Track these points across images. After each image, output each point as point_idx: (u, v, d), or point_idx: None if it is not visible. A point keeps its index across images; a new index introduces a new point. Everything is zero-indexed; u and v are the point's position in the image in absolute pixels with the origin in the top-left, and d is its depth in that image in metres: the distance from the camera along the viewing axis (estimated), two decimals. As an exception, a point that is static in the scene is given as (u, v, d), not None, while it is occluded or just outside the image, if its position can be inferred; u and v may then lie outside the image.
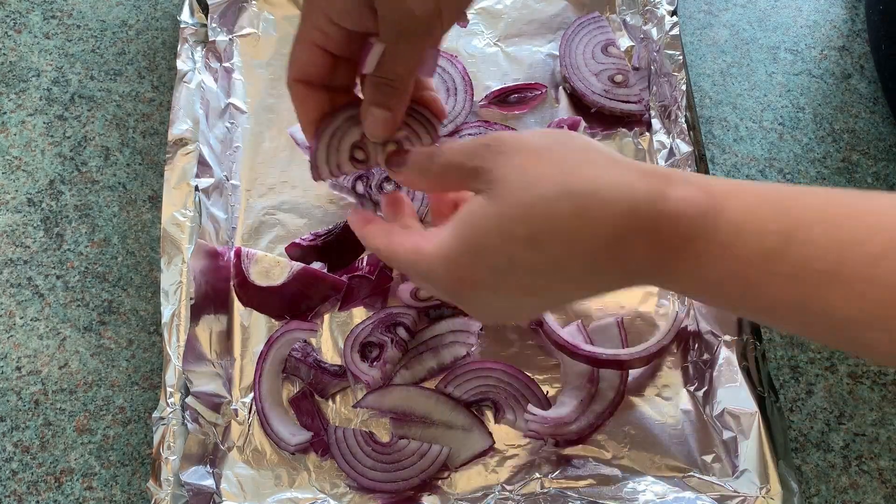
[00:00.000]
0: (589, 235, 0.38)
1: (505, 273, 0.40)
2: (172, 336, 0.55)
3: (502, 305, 0.42)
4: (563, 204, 0.38)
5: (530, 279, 0.40)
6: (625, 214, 0.37)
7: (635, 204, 0.37)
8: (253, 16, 0.70)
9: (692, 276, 0.38)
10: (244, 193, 0.63)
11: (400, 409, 0.54)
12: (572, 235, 0.38)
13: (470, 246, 0.40)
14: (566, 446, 0.54)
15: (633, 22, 0.69)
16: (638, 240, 0.38)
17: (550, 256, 0.39)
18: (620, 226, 0.37)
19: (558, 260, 0.39)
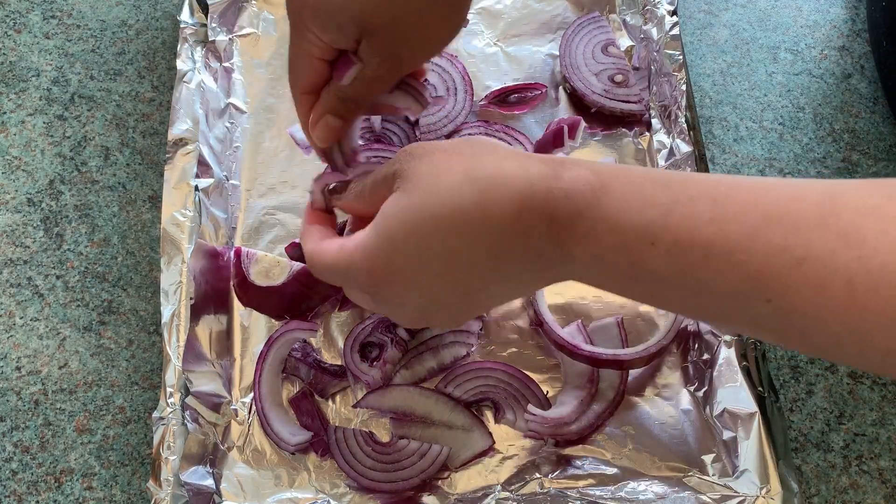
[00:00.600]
0: (490, 217, 0.39)
1: (418, 264, 0.41)
2: (172, 336, 0.55)
3: (420, 303, 0.43)
4: (465, 190, 0.40)
5: (442, 268, 0.41)
6: (522, 193, 0.39)
7: (530, 183, 0.39)
8: (253, 16, 0.70)
9: (585, 252, 0.39)
10: (244, 193, 0.63)
11: (400, 409, 0.54)
12: (475, 218, 0.40)
13: (384, 238, 0.42)
14: (566, 446, 0.54)
15: (633, 22, 0.69)
16: (535, 217, 0.39)
17: (457, 242, 0.40)
18: (518, 205, 0.39)
19: (464, 245, 0.40)
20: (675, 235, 0.36)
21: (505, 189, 0.40)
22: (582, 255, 0.39)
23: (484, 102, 0.66)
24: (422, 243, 0.41)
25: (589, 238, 0.39)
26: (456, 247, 0.40)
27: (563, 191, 0.39)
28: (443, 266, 0.41)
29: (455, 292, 0.43)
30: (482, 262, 0.41)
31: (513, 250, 0.40)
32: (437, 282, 0.42)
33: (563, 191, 0.39)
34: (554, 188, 0.39)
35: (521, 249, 0.40)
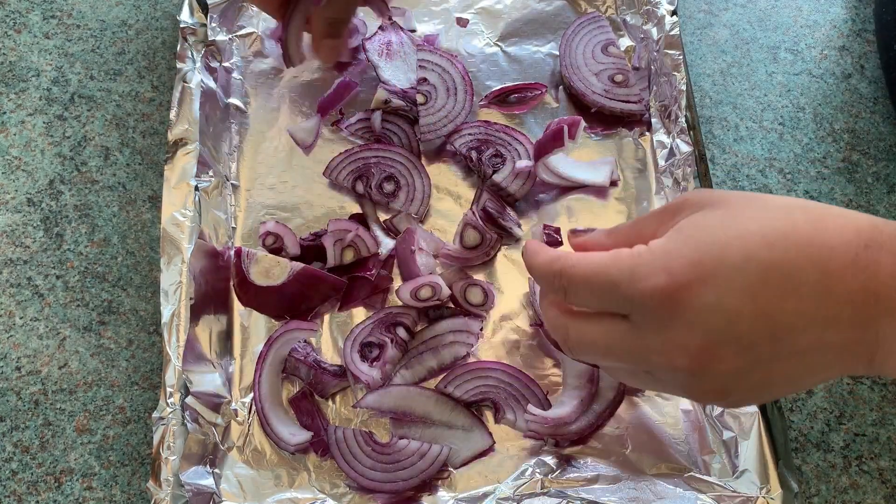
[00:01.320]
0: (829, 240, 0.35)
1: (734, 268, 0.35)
2: (172, 336, 0.55)
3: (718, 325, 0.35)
4: (798, 212, 0.36)
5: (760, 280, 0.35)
6: (867, 227, 0.35)
7: (875, 221, 0.35)
8: (253, 15, 0.70)
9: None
10: (244, 193, 0.63)
11: (400, 409, 0.54)
12: (813, 237, 0.35)
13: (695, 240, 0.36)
14: (566, 446, 0.54)
15: (633, 22, 0.69)
16: (884, 254, 0.34)
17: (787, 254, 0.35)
18: (864, 237, 0.34)
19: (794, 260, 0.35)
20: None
21: (843, 222, 0.35)
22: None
23: (484, 102, 0.66)
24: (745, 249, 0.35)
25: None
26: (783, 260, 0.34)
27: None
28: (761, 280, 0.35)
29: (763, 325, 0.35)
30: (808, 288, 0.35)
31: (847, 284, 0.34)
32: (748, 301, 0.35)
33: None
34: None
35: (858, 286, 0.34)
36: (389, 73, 0.65)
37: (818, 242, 0.35)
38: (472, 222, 0.59)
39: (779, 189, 0.64)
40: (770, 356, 0.36)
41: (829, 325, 0.35)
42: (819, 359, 0.36)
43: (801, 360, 0.36)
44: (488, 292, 0.58)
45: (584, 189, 0.63)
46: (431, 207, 0.62)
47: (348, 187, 0.62)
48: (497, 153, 0.62)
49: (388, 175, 0.62)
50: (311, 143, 0.65)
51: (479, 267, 0.60)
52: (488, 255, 0.60)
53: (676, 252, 0.35)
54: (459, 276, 0.59)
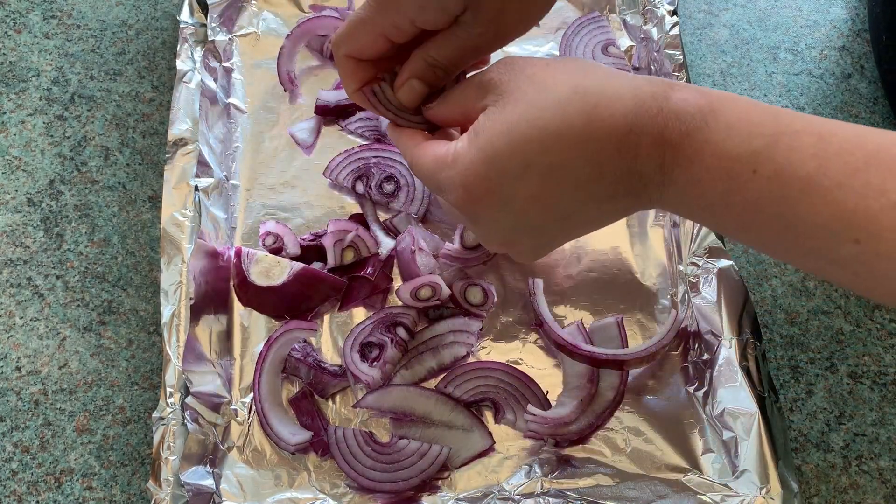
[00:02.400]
0: (598, 131, 0.39)
1: (517, 178, 0.41)
2: (172, 336, 0.55)
3: (511, 223, 0.43)
4: (574, 104, 0.40)
5: (541, 184, 0.41)
6: (631, 111, 0.39)
7: (641, 101, 0.39)
8: (253, 15, 0.70)
9: (685, 174, 0.39)
10: (244, 193, 0.63)
11: (400, 409, 0.54)
12: (583, 132, 0.39)
13: (484, 152, 0.41)
14: (566, 446, 0.54)
15: (633, 22, 0.69)
16: (644, 136, 0.39)
17: (561, 158, 0.40)
18: (628, 121, 0.39)
19: (569, 161, 0.40)
20: (777, 166, 0.36)
21: (616, 104, 0.39)
22: (681, 177, 0.39)
23: None
24: (524, 159, 0.40)
25: (693, 161, 0.38)
26: (559, 162, 0.40)
27: (673, 112, 0.39)
28: (541, 184, 0.41)
29: (549, 215, 0.43)
30: (583, 180, 0.40)
31: (616, 169, 0.40)
32: (533, 203, 0.42)
33: (674, 112, 0.39)
34: (664, 108, 0.39)
35: (624, 168, 0.40)
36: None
37: (588, 136, 0.39)
38: None
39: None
40: (561, 229, 0.45)
41: (606, 200, 0.42)
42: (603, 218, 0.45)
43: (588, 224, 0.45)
44: (488, 292, 0.58)
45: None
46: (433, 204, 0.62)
47: (348, 187, 0.62)
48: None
49: (388, 175, 0.62)
50: (311, 143, 0.65)
51: (479, 267, 0.60)
52: (488, 256, 0.60)
53: (471, 167, 0.42)
54: (459, 276, 0.59)
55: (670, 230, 0.60)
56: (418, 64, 0.49)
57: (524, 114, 0.41)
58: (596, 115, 0.39)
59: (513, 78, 0.43)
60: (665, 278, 0.60)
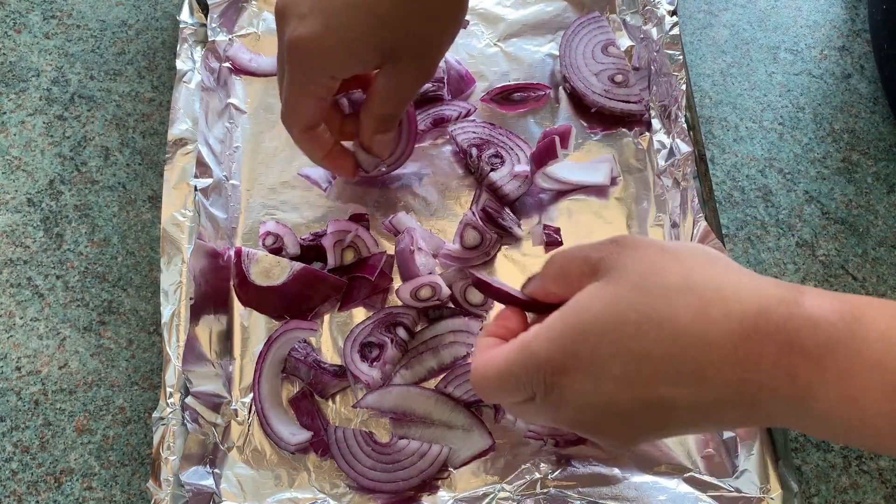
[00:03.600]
0: (707, 334, 0.34)
1: (607, 357, 0.36)
2: (172, 336, 0.55)
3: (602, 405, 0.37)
4: (683, 296, 0.35)
5: (633, 370, 0.36)
6: (752, 314, 0.34)
7: (765, 305, 0.34)
8: (253, 15, 0.70)
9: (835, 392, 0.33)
10: (244, 193, 0.63)
11: (400, 409, 0.54)
12: (688, 330, 0.35)
13: (576, 325, 0.37)
14: (566, 446, 0.54)
15: (633, 22, 0.69)
16: (766, 343, 0.34)
17: (659, 347, 0.35)
18: (746, 327, 0.34)
19: (666, 353, 0.35)
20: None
21: (733, 305, 0.34)
22: (828, 395, 0.33)
23: (486, 97, 0.66)
24: (618, 338, 0.36)
25: (843, 377, 0.33)
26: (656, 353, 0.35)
27: (806, 318, 0.33)
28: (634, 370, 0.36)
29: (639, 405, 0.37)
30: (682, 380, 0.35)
31: (723, 377, 0.34)
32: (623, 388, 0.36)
33: (808, 318, 0.33)
34: (795, 314, 0.34)
35: (736, 379, 0.34)
36: None
37: (694, 334, 0.35)
38: (472, 222, 0.59)
39: (779, 189, 0.64)
40: (654, 423, 0.38)
41: (711, 407, 0.36)
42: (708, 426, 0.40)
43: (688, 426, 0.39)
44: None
45: (584, 189, 0.63)
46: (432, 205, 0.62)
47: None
48: (497, 154, 0.62)
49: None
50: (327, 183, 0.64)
51: (479, 267, 0.60)
52: (488, 255, 0.60)
53: (559, 342, 0.38)
54: (459, 276, 0.59)
55: (670, 230, 0.60)
56: (372, 123, 0.53)
57: (626, 295, 0.36)
58: (707, 313, 0.34)
59: (622, 257, 0.38)
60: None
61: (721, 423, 0.38)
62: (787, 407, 0.34)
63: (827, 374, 0.33)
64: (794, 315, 0.34)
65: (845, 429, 0.34)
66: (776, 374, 0.34)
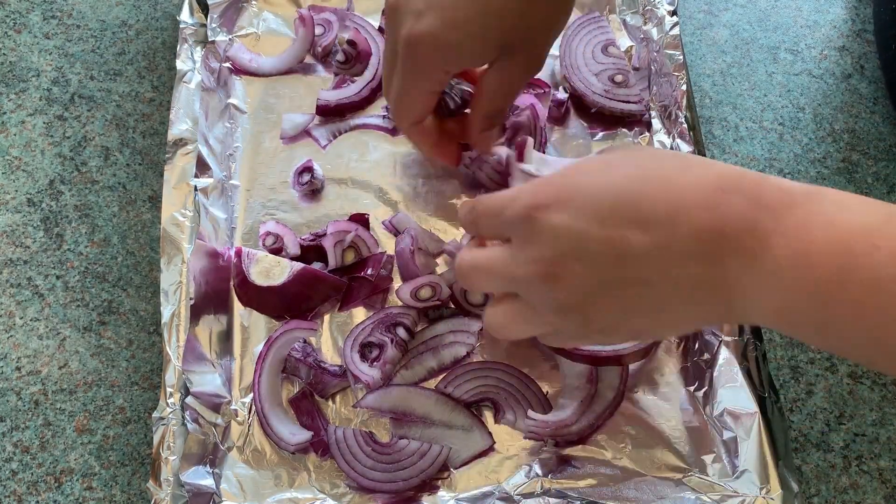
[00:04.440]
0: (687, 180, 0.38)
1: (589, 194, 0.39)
2: (172, 336, 0.55)
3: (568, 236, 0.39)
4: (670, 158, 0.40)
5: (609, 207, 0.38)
6: (730, 175, 0.37)
7: (739, 172, 0.38)
8: (253, 16, 0.70)
9: (787, 246, 0.35)
10: (244, 193, 0.63)
11: (400, 409, 0.54)
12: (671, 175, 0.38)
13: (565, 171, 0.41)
14: (566, 447, 0.54)
15: (633, 22, 0.69)
16: (737, 196, 0.36)
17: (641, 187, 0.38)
18: (723, 182, 0.37)
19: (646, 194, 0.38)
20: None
21: (715, 167, 0.38)
22: (783, 249, 0.35)
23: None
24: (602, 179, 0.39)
25: (799, 232, 0.35)
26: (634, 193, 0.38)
27: (776, 185, 0.36)
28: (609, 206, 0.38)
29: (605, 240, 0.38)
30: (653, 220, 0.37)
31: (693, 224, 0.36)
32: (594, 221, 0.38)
33: (777, 185, 0.36)
34: (767, 181, 0.37)
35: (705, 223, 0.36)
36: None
37: (676, 181, 0.38)
38: None
39: (779, 189, 0.64)
40: (617, 279, 0.39)
41: (674, 258, 0.37)
42: (670, 292, 0.39)
43: (651, 289, 0.39)
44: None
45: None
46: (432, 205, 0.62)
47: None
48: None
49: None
50: (292, 137, 0.65)
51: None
52: None
53: (548, 181, 0.41)
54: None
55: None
56: (481, 123, 0.54)
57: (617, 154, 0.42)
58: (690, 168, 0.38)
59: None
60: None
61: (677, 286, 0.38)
62: (742, 264, 0.36)
63: (784, 227, 0.35)
64: (765, 181, 0.37)
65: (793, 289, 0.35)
66: (740, 224, 0.36)
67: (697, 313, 0.40)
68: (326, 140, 0.65)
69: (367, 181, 0.63)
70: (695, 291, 0.38)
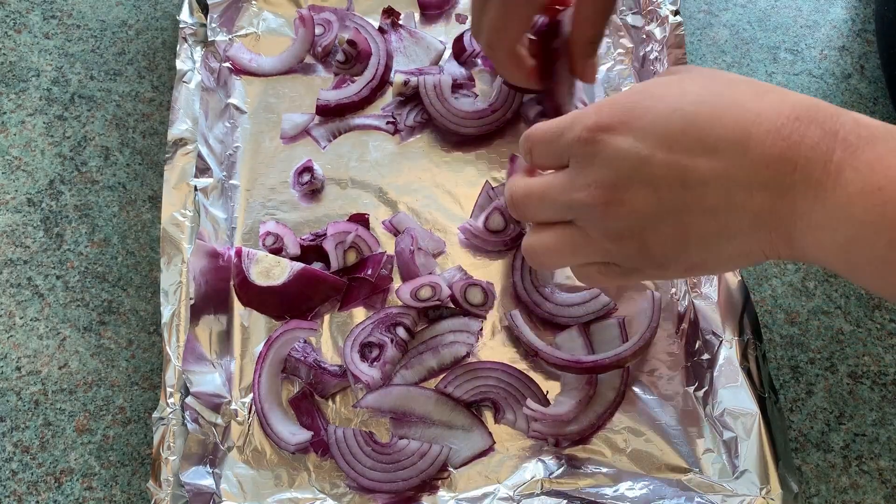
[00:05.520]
0: (761, 107, 0.36)
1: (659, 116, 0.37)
2: (172, 336, 0.55)
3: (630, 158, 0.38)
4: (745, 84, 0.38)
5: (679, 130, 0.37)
6: (806, 103, 0.36)
7: (818, 101, 0.36)
8: (253, 15, 0.70)
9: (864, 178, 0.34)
10: (244, 193, 0.63)
11: (400, 409, 0.54)
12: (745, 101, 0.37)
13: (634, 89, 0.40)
14: (566, 446, 0.54)
15: (633, 22, 0.69)
16: (813, 126, 0.35)
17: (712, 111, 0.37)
18: (799, 110, 0.36)
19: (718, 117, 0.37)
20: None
21: (790, 95, 0.37)
22: (857, 182, 0.34)
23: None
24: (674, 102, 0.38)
25: (873, 166, 0.34)
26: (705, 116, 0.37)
27: (854, 118, 0.35)
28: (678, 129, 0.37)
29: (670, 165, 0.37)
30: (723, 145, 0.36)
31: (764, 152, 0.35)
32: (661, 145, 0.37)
33: (855, 118, 0.35)
34: (844, 113, 0.36)
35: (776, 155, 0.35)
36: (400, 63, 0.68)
37: (749, 107, 0.36)
38: (501, 208, 0.59)
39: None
40: (679, 205, 0.38)
41: (740, 186, 0.36)
42: (732, 222, 0.37)
43: (713, 218, 0.38)
44: (488, 292, 0.58)
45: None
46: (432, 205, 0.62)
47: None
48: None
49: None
50: (291, 137, 0.65)
51: (492, 255, 0.60)
52: (506, 246, 0.60)
53: (613, 101, 0.39)
54: (459, 277, 0.59)
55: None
56: (584, 50, 0.53)
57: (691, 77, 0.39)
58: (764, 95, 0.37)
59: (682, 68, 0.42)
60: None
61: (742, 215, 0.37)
62: (812, 196, 0.35)
63: (859, 162, 0.34)
64: (843, 113, 0.35)
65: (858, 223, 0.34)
66: (813, 155, 0.35)
67: (757, 246, 0.38)
68: (326, 140, 0.65)
69: (367, 181, 0.63)
70: (758, 222, 0.37)
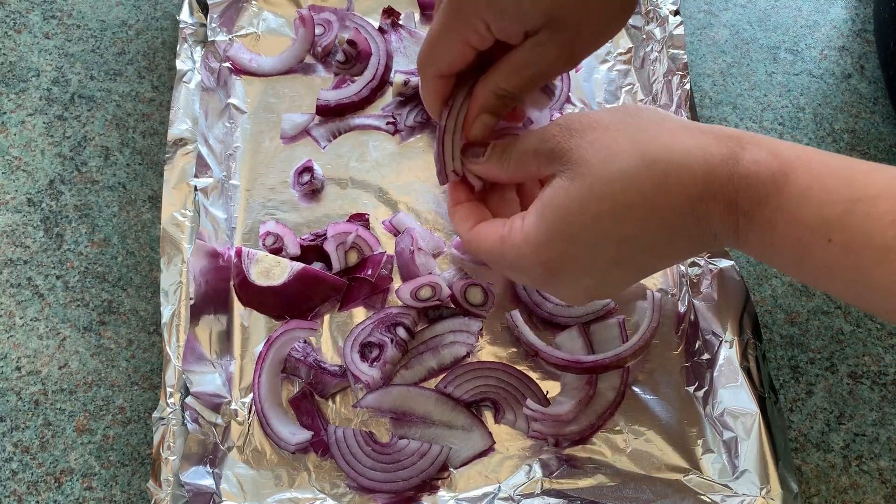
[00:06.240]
0: (670, 203, 0.41)
1: (595, 249, 0.43)
2: (172, 336, 0.55)
3: (592, 283, 0.45)
4: (643, 176, 0.41)
5: (617, 251, 0.43)
6: (702, 180, 0.40)
7: (711, 168, 0.40)
8: (253, 15, 0.70)
9: (759, 239, 0.40)
10: (244, 193, 0.63)
11: (400, 409, 0.54)
12: (655, 204, 0.41)
13: (559, 231, 0.43)
14: (566, 446, 0.54)
15: (633, 22, 0.69)
16: (714, 204, 0.40)
17: (636, 226, 0.42)
18: (699, 191, 0.40)
19: (643, 229, 0.42)
20: (852, 233, 0.36)
21: (685, 173, 0.40)
22: (756, 242, 0.41)
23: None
24: (599, 232, 0.42)
25: (766, 229, 0.40)
26: (634, 233, 0.42)
27: (743, 179, 0.40)
28: (618, 252, 0.43)
29: (628, 272, 0.45)
30: (660, 243, 0.42)
31: (689, 232, 0.42)
32: (613, 267, 0.44)
33: (744, 179, 0.40)
34: (735, 175, 0.40)
35: (697, 232, 0.42)
36: (400, 63, 0.68)
37: (662, 205, 0.41)
38: None
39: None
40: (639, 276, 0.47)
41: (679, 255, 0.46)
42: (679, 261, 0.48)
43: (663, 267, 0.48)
44: (488, 292, 0.58)
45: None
46: (432, 205, 0.62)
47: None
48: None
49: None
50: (291, 137, 0.65)
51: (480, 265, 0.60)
52: None
53: (547, 244, 0.44)
54: (459, 277, 0.59)
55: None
56: (487, 97, 0.48)
57: (592, 189, 0.42)
58: (666, 185, 0.40)
59: (575, 146, 0.43)
60: (666, 278, 0.60)
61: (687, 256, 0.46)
62: (732, 244, 0.43)
63: (754, 226, 0.40)
64: (733, 176, 0.40)
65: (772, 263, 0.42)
66: (723, 228, 0.41)
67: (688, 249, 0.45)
68: (326, 140, 0.65)
69: (367, 181, 0.63)
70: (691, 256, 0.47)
